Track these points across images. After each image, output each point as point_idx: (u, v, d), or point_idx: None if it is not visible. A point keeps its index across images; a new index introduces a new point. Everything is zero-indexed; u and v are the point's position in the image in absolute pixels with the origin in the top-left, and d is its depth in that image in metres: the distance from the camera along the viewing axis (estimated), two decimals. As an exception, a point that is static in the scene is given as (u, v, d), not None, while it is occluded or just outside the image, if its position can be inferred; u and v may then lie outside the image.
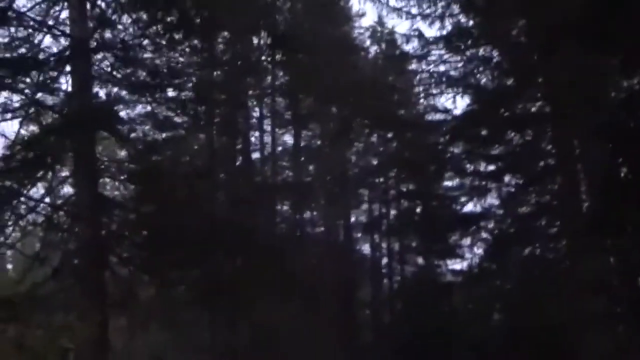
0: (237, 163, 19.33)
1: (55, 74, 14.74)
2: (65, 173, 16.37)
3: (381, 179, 26.04)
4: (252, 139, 20.76)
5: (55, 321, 14.90)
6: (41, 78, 14.46)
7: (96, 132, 15.64)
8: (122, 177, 16.43)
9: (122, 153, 17.31)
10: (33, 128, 15.75)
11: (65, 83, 15.08)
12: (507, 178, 20.19)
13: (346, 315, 22.21)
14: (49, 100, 14.98)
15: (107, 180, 17.48)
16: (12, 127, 16.48)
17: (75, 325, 14.44)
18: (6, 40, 14.52)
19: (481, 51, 18.67)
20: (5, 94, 14.12)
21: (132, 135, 16.45)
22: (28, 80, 14.37)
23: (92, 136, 15.36)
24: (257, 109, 21.20)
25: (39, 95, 14.66)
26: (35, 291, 15.36)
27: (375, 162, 25.81)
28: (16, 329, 14.35)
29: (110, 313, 15.63)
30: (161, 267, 15.09)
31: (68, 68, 14.91)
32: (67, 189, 16.88)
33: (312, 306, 17.27)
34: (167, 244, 14.64)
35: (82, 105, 14.81)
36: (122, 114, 16.31)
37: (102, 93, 15.85)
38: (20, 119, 14.75)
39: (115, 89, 15.92)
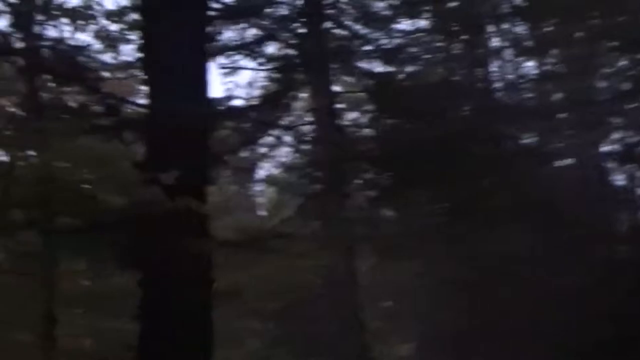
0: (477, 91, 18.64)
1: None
2: (304, 108, 16.67)
3: (633, 105, 24.32)
4: (492, 67, 19.98)
5: (303, 257, 15.19)
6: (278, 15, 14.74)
7: (333, 66, 15.77)
8: (360, 109, 16.51)
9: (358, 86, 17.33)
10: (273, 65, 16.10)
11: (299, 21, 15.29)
12: None
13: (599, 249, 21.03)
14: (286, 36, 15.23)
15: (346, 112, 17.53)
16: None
17: (322, 260, 14.65)
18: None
19: None
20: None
21: (369, 69, 16.48)
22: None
23: (328, 70, 15.51)
24: (496, 35, 20.36)
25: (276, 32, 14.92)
26: (284, 226, 15.88)
27: (625, 87, 24.15)
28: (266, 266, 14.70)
29: (355, 246, 15.84)
30: (404, 188, 14.90)
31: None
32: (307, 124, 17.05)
33: (560, 238, 16.39)
34: (408, 166, 14.43)
35: (318, 40, 14.93)
36: (359, 48, 16.33)
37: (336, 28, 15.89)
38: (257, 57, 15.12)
39: (350, 23, 15.88)
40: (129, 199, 8.52)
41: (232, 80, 16.85)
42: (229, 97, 15.63)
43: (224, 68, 15.92)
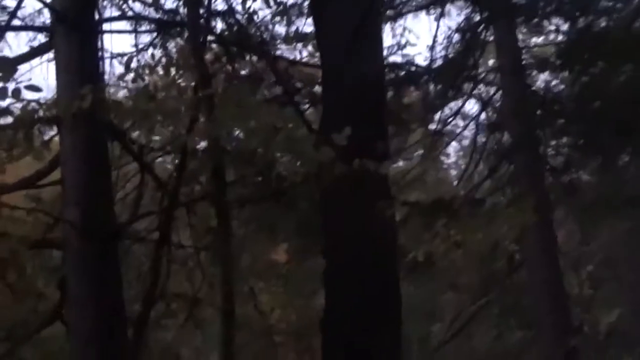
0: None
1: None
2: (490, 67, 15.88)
3: None
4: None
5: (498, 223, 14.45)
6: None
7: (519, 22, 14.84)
8: (549, 67, 15.44)
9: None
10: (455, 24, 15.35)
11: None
12: None
13: None
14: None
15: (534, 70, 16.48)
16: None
17: (519, 226, 13.86)
18: None
19: None
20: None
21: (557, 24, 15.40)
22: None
23: (515, 27, 14.64)
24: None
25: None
26: (473, 192, 15.22)
27: None
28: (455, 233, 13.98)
29: (554, 210, 14.93)
30: (601, 149, 13.78)
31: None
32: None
33: None
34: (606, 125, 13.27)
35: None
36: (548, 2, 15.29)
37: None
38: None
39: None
40: (306, 165, 8.12)
41: (412, 42, 16.20)
42: (410, 60, 14.98)
43: (403, 29, 15.33)
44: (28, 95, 7.26)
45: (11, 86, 6.88)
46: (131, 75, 10.51)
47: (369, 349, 9.10)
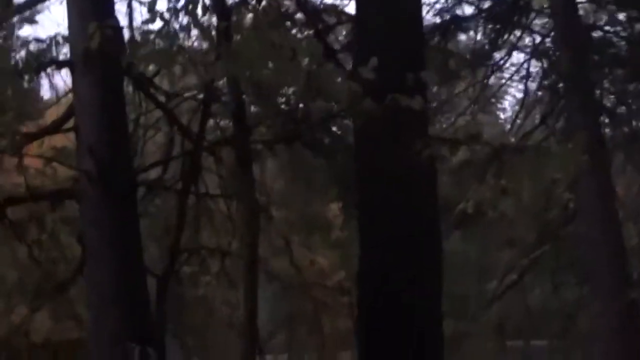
0: None
1: None
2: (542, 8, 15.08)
3: None
4: None
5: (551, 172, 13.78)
6: None
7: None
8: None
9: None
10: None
11: None
12: None
13: None
14: None
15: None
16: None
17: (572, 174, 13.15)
18: None
19: None
20: None
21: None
22: None
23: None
24: None
25: None
26: (525, 139, 14.53)
27: None
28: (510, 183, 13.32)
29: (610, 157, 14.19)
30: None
31: None
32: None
33: None
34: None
35: None
36: None
37: None
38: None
39: None
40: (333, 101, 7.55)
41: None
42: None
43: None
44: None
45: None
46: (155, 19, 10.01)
47: (406, 301, 8.56)
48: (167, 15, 10.22)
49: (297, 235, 11.76)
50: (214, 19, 9.01)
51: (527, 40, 15.83)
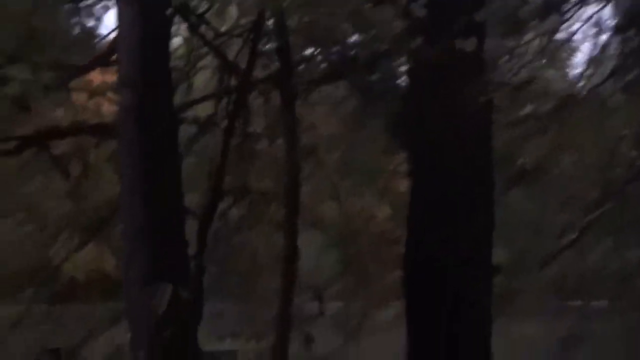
0: None
1: None
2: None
3: None
4: None
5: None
6: None
7: None
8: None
9: None
10: None
11: None
12: None
13: None
14: None
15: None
16: None
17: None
18: None
19: None
20: None
21: None
22: None
23: None
24: None
25: None
26: (592, 93, 13.97)
27: None
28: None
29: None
30: None
31: None
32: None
33: None
34: None
35: None
36: None
37: None
38: None
39: None
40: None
41: None
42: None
43: None
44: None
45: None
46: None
47: (452, 253, 8.27)
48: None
49: (347, 182, 11.43)
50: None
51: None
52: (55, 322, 10.02)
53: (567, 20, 16.31)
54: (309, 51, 8.85)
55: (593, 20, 15.82)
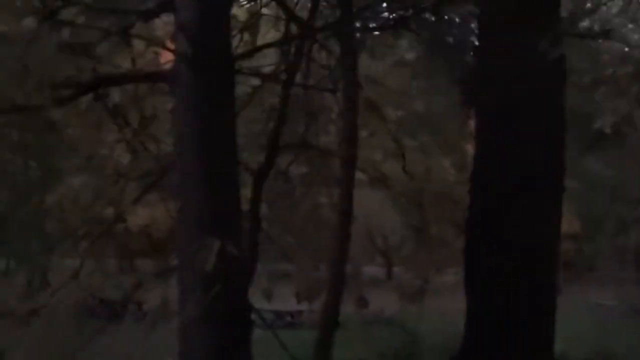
0: None
1: None
2: None
3: None
4: None
5: None
6: None
7: None
8: None
9: None
10: None
11: None
12: None
13: None
14: None
15: None
16: None
17: None
18: None
19: None
20: None
21: None
22: None
23: None
24: None
25: None
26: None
27: None
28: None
29: None
30: None
31: None
32: None
33: None
34: None
35: None
36: None
37: None
38: None
39: None
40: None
41: None
42: None
43: None
44: None
45: None
46: None
47: (518, 215, 7.85)
48: None
49: (411, 138, 11.00)
50: None
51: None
52: (107, 275, 9.90)
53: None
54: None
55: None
